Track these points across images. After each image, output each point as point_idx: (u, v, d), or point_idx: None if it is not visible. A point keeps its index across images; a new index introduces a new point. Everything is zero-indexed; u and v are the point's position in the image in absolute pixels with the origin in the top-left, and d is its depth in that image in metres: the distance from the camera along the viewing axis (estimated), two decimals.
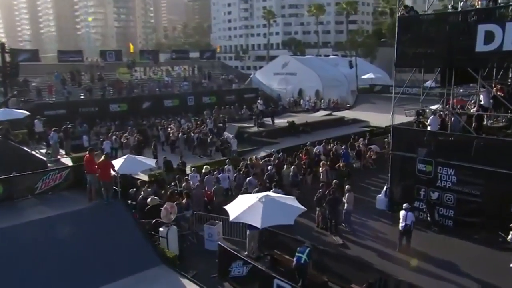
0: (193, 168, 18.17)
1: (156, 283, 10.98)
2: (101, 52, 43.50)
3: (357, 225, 16.04)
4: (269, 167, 18.62)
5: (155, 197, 14.21)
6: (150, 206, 13.90)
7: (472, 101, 19.88)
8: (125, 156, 16.70)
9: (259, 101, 33.37)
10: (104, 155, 13.09)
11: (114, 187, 13.35)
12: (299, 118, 33.66)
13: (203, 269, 12.57)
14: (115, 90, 36.12)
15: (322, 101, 45.95)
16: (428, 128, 16.12)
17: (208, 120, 29.51)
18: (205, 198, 16.61)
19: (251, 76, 48.97)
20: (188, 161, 22.07)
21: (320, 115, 36.01)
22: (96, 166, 12.80)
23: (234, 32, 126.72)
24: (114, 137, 25.20)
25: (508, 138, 14.57)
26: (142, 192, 15.17)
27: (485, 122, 16.72)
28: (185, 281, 11.06)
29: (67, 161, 18.88)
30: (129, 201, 14.52)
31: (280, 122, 32.44)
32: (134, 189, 15.45)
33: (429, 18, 15.32)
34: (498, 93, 15.92)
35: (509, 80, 18.44)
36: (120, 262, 11.47)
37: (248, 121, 32.66)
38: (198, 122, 29.61)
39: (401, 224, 13.69)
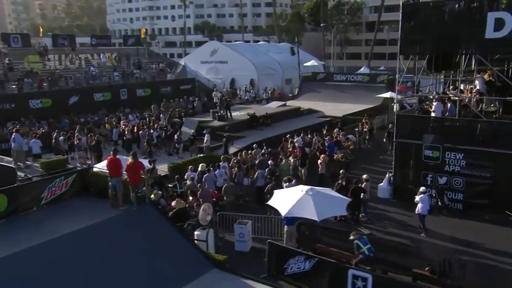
0: (190, 167, 18.53)
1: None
2: (3, 36, 40.43)
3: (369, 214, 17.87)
4: (269, 162, 19.64)
5: (181, 200, 14.52)
6: (176, 209, 14.20)
7: (451, 87, 22.90)
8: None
9: (215, 92, 33.92)
10: (131, 156, 13.06)
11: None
12: (254, 110, 34.86)
13: (246, 270, 13.25)
14: (34, 82, 34.03)
15: (268, 90, 47.61)
16: (433, 114, 18.41)
17: (161, 115, 29.48)
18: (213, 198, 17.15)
19: (183, 64, 48.91)
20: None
21: (274, 106, 37.61)
22: (124, 169, 12.78)
23: (137, 14, 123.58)
24: (61, 137, 24.25)
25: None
26: (152, 195, 15.31)
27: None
28: (250, 282, 11.71)
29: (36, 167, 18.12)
30: None
31: (236, 114, 33.36)
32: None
33: (435, 5, 17.54)
34: (490, 78, 18.81)
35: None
36: (172, 271, 11.69)
37: (202, 115, 33.15)
38: (153, 118, 29.46)
39: (424, 207, 15.72)
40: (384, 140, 27.63)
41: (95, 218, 12.41)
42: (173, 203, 14.46)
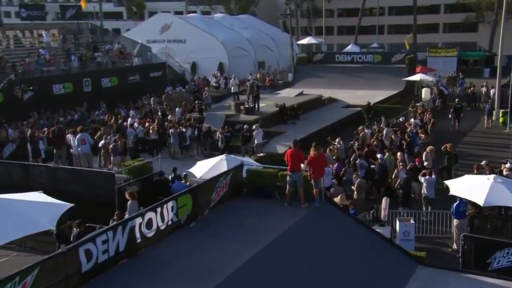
0: None
1: (448, 284, 14.39)
2: None
3: None
4: (378, 155, 22.86)
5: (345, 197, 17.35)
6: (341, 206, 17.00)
7: None
8: (222, 156, 19.40)
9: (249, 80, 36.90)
10: (313, 147, 15.47)
11: None
12: (271, 101, 37.79)
13: None
14: None
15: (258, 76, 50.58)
16: None
17: (178, 109, 31.70)
18: None
19: (140, 43, 50.27)
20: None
21: (292, 95, 40.84)
22: (308, 162, 15.25)
23: None
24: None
25: None
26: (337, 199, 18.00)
27: None
28: (475, 277, 14.69)
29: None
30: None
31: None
32: None
33: None
34: None
35: None
36: (386, 270, 14.55)
37: (214, 108, 35.65)
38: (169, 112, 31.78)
39: None
40: (450, 116, 33.98)
41: (285, 219, 14.75)
42: (337, 200, 17.16)
